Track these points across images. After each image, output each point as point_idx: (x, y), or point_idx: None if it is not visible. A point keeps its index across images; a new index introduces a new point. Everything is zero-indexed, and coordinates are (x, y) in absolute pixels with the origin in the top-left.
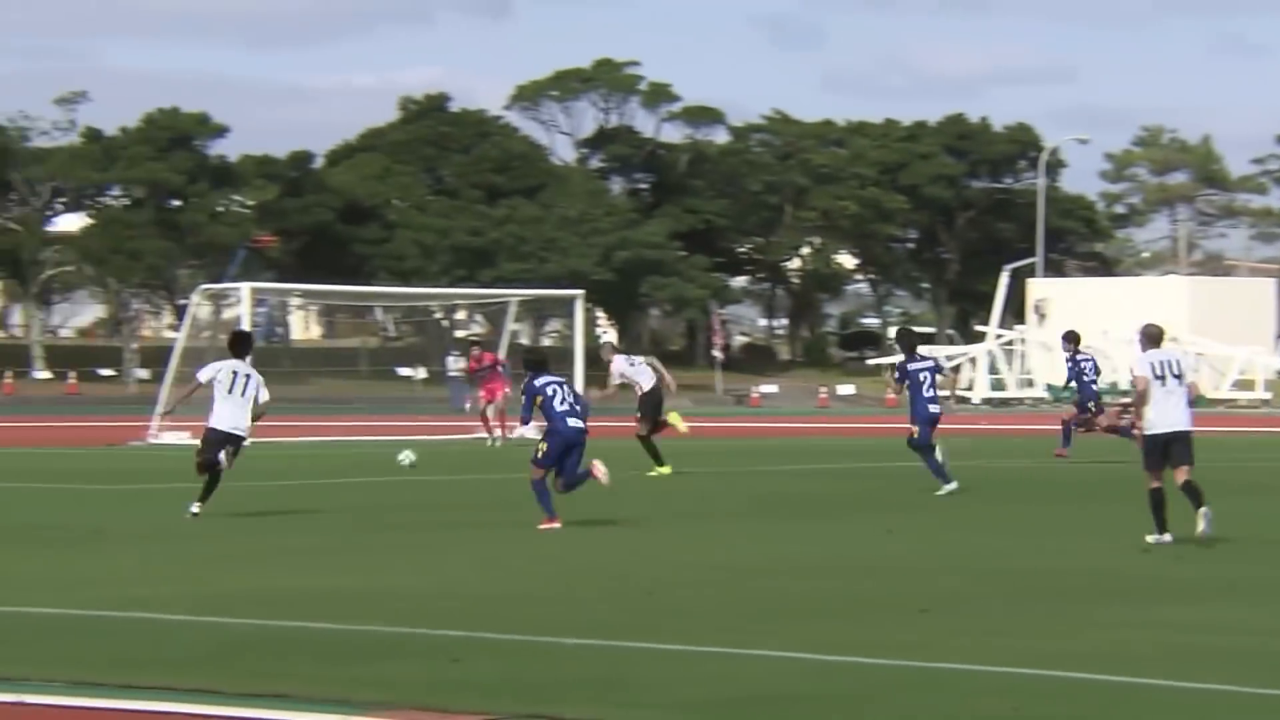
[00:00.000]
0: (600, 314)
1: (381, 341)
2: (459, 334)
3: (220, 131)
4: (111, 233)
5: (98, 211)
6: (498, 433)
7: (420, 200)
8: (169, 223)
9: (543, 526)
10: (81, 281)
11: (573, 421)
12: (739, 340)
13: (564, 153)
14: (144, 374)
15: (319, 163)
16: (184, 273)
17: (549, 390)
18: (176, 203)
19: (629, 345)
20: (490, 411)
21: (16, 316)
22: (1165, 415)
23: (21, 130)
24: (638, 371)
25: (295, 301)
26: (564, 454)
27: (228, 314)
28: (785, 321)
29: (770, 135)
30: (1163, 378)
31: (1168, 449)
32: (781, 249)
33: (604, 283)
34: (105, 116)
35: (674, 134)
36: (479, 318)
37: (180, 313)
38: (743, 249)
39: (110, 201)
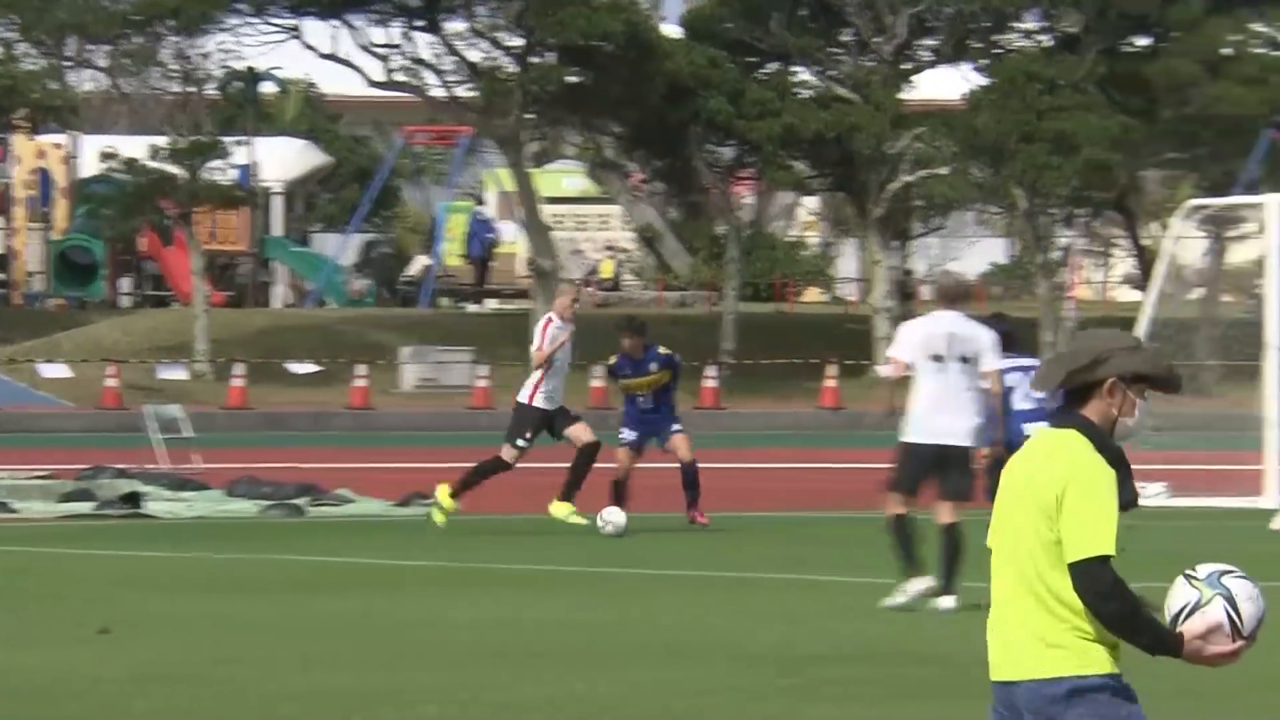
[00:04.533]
0: None
1: None
2: None
3: None
4: (1022, 101)
5: (996, 62)
6: None
7: None
8: (1130, 80)
9: None
10: (965, 195)
11: None
12: None
13: None
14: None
15: None
16: (1156, 176)
17: None
18: (1143, 41)
19: None
20: None
21: (848, 262)
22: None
23: None
24: None
25: None
26: None
27: (1238, 255)
28: None
29: None
30: (940, 359)
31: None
32: None
33: None
34: None
35: None
36: None
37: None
38: None
39: (1020, 43)
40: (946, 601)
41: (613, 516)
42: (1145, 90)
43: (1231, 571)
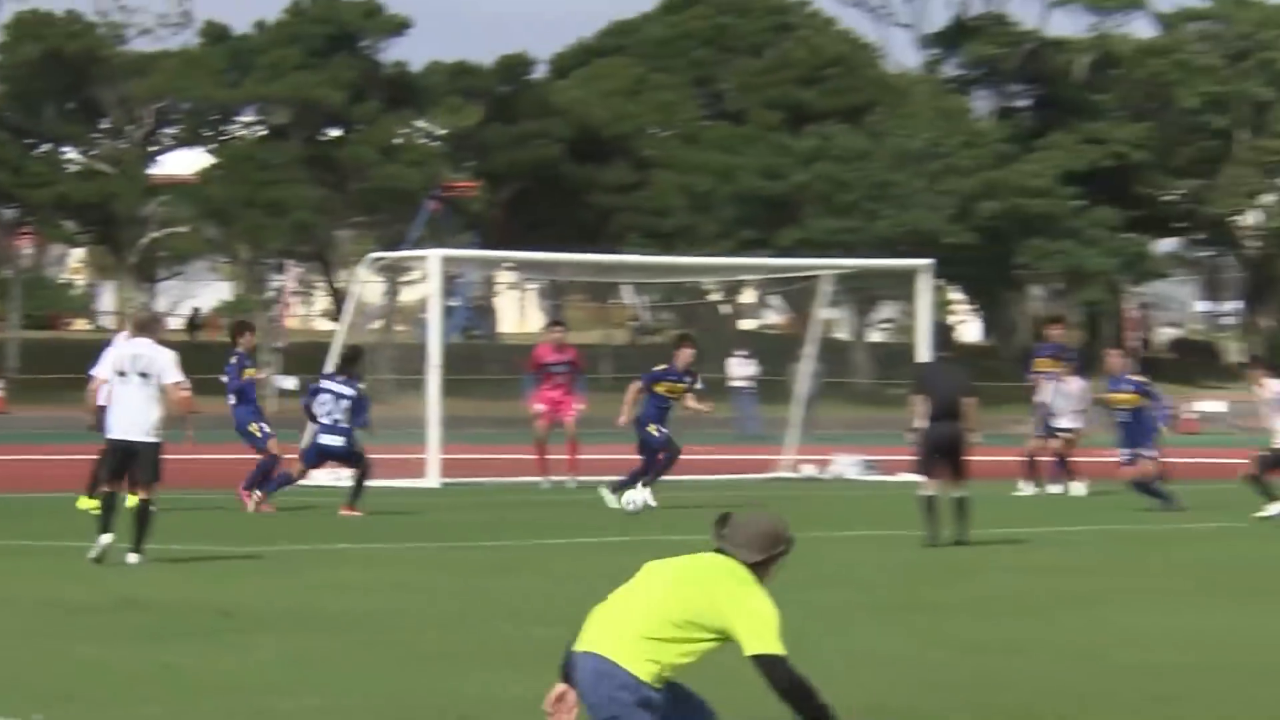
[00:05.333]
0: (956, 295)
1: (633, 336)
2: (745, 325)
3: (398, 28)
4: (241, 176)
5: (221, 146)
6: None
7: (689, 127)
8: (324, 161)
9: None
10: (199, 248)
11: None
12: (1166, 334)
13: (903, 56)
14: (290, 383)
15: (541, 73)
16: (345, 235)
17: None
18: (335, 132)
19: (1000, 339)
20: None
21: (108, 299)
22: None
23: (116, 29)
24: None
25: (505, 277)
26: None
27: (407, 295)
28: (1237, 305)
29: (1218, 24)
30: (125, 374)
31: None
32: (1231, 197)
33: (962, 248)
34: (234, 7)
35: (1069, 26)
36: (774, 300)
37: (340, 293)
38: (1171, 197)
39: (241, 131)
40: (132, 558)
41: None
42: (337, 169)
43: None
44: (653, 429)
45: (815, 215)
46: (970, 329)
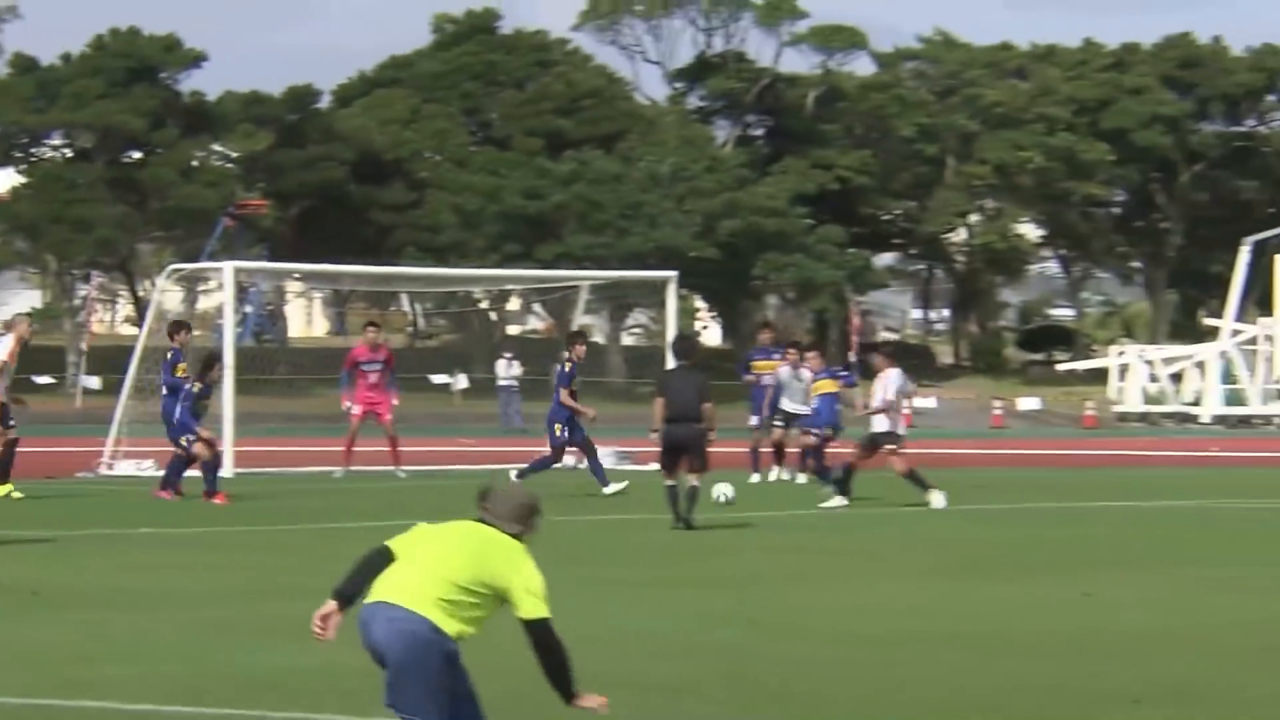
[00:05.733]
0: (699, 303)
1: (408, 340)
2: (511, 330)
3: (195, 61)
4: (50, 195)
5: (31, 167)
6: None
7: (460, 152)
8: (126, 182)
9: None
10: (10, 260)
11: None
12: (885, 338)
13: (652, 88)
14: (94, 382)
15: (326, 102)
16: (147, 248)
17: None
18: (136, 155)
19: (738, 344)
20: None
21: None
22: None
23: None
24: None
25: (294, 287)
26: None
27: (204, 303)
28: (947, 313)
29: (928, 64)
30: None
31: None
32: (942, 217)
33: (705, 261)
34: (41, 39)
35: (799, 63)
36: (537, 308)
37: (142, 301)
38: (890, 216)
39: (49, 154)
40: None
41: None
42: (139, 189)
43: None
44: (558, 428)
45: (573, 232)
46: (712, 334)
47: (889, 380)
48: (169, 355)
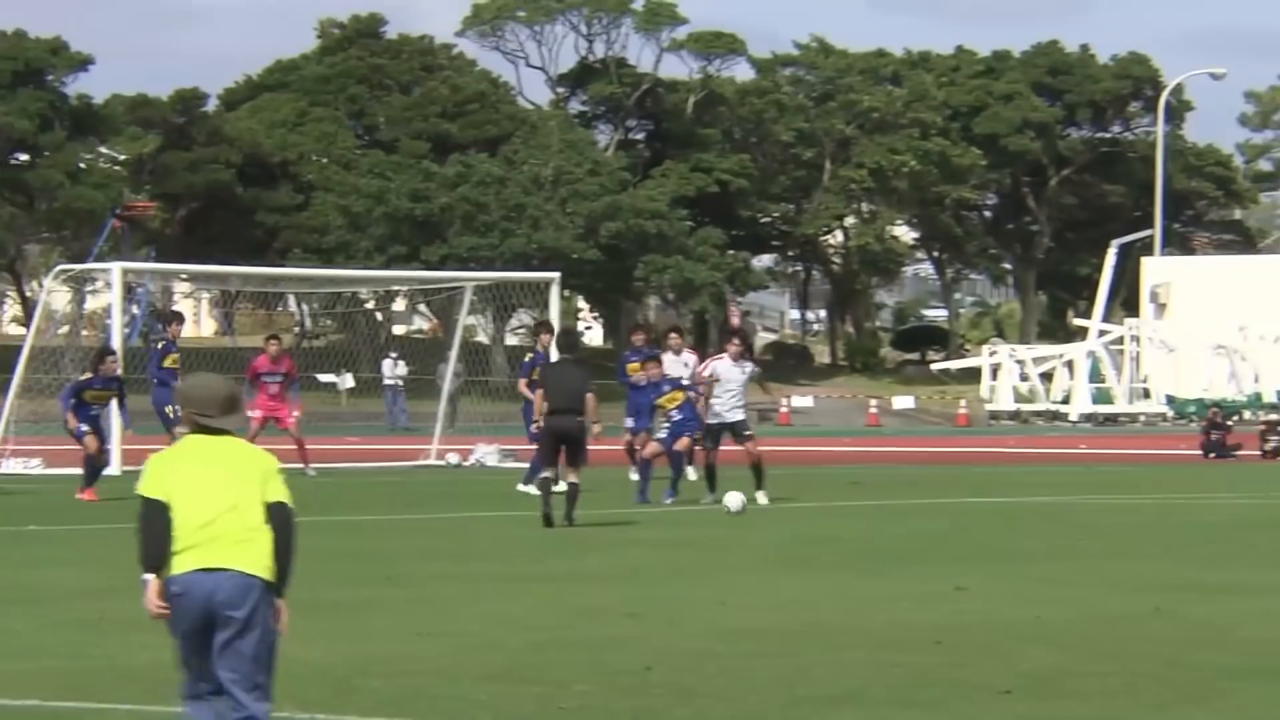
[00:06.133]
0: (582, 303)
1: (295, 340)
2: (397, 330)
3: (82, 64)
4: None
5: None
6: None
7: (346, 155)
8: (14, 184)
9: None
10: None
11: None
12: (763, 339)
13: (535, 93)
14: None
15: (213, 105)
16: (34, 249)
17: None
18: (23, 157)
19: (620, 344)
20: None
21: None
22: None
23: None
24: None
25: (181, 287)
26: None
27: (92, 303)
28: (824, 314)
29: (805, 70)
30: None
31: None
32: (819, 219)
33: (587, 263)
34: None
35: (679, 69)
36: (422, 308)
37: (30, 302)
38: (768, 219)
39: None
40: None
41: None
42: (27, 190)
43: None
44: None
45: (458, 234)
46: (594, 335)
47: (715, 364)
48: (159, 346)
